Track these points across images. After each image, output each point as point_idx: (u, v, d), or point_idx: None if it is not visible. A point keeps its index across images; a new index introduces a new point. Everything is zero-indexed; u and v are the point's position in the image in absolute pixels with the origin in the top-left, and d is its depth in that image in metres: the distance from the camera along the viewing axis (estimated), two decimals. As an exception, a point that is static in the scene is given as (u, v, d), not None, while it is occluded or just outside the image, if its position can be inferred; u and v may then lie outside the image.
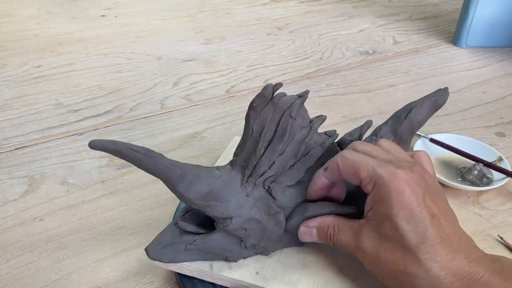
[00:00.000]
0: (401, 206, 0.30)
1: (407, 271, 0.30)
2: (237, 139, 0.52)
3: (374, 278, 0.36)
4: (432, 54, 0.88)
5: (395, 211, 0.30)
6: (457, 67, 0.82)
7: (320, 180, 0.35)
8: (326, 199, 0.36)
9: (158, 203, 0.48)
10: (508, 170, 0.50)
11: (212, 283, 0.37)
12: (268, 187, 0.35)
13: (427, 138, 0.56)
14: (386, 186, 0.30)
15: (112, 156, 0.41)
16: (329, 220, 0.35)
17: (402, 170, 0.31)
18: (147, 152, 0.29)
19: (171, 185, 0.31)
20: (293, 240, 0.38)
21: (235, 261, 0.36)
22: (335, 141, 0.38)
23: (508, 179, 0.50)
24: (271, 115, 0.33)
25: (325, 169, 0.35)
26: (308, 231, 0.35)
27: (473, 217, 0.47)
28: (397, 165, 0.32)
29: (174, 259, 0.35)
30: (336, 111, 0.67)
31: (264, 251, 0.37)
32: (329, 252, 0.38)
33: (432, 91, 0.40)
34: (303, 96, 0.34)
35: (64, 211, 0.47)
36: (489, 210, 0.48)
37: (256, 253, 0.37)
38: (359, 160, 0.32)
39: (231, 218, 0.33)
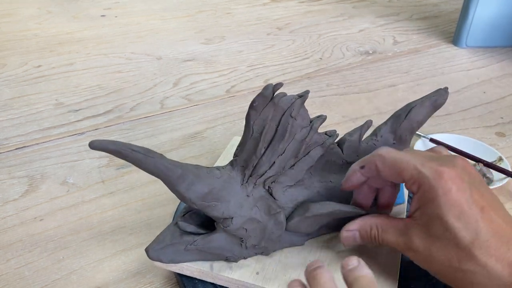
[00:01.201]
0: (450, 204, 0.29)
1: (462, 268, 0.29)
2: (237, 139, 0.52)
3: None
4: (432, 54, 0.88)
5: (444, 211, 0.29)
6: (457, 67, 0.82)
7: (356, 177, 0.34)
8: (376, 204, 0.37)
9: (158, 203, 0.48)
10: (508, 170, 0.50)
11: (212, 284, 0.37)
12: (269, 187, 0.35)
13: (427, 138, 0.56)
14: (432, 186, 0.30)
15: (112, 156, 0.41)
16: (370, 220, 0.34)
17: (446, 167, 0.30)
18: (147, 152, 0.29)
19: (171, 185, 0.31)
20: (293, 240, 0.38)
21: (236, 261, 0.36)
22: (335, 141, 0.38)
23: (508, 179, 0.50)
24: (272, 115, 0.33)
25: (362, 167, 0.34)
26: (350, 235, 0.35)
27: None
28: (440, 162, 0.31)
29: (174, 260, 0.35)
30: (336, 111, 0.67)
31: (265, 251, 0.37)
32: (329, 252, 0.38)
33: (432, 91, 0.40)
34: (303, 96, 0.34)
35: (64, 211, 0.47)
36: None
37: (256, 253, 0.37)
38: (400, 160, 0.32)
39: (232, 218, 0.33)
